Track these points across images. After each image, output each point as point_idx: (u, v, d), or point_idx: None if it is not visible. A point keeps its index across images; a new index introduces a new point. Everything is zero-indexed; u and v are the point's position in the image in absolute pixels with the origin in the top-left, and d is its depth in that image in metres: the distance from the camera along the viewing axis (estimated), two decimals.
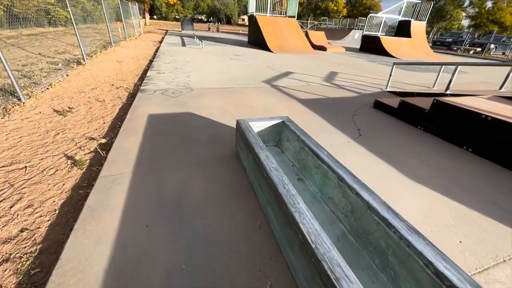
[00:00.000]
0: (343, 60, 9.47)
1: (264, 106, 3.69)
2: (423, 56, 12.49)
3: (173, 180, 1.90)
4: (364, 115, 3.66)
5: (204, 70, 5.92)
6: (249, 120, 2.18)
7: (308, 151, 1.84)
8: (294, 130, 2.08)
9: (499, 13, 39.52)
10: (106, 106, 3.51)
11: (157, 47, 10.05)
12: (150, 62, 6.94)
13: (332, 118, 3.41)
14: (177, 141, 2.50)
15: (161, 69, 5.76)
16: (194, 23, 25.47)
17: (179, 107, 3.43)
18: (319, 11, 50.83)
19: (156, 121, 2.93)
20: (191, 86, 4.50)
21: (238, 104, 3.70)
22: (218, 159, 2.23)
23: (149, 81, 4.67)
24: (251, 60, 7.97)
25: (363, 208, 1.32)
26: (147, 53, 8.45)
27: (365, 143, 2.76)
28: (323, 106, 3.91)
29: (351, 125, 3.23)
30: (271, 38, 11.09)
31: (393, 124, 3.38)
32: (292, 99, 4.19)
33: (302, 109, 3.71)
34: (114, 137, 2.59)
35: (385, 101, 3.90)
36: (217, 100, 3.81)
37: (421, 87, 5.72)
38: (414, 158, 2.50)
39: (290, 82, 5.32)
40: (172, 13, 53.94)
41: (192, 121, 2.99)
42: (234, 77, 5.46)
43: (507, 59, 15.67)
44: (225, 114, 3.28)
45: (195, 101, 3.73)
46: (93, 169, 2.10)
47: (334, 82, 5.69)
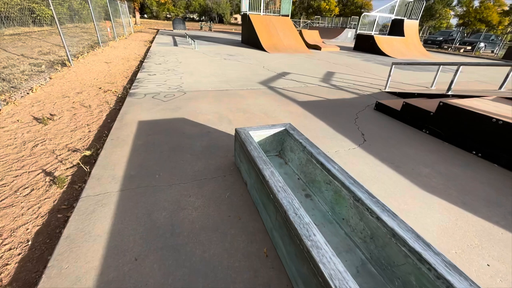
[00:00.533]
0: (338, 60, 9.36)
1: (262, 110, 3.50)
2: (417, 55, 12.53)
3: (166, 199, 1.69)
4: (366, 118, 3.51)
5: (198, 72, 5.68)
6: (249, 129, 1.99)
7: (317, 164, 1.66)
8: (299, 139, 1.89)
9: (486, 12, 40.45)
10: (92, 112, 3.25)
11: (148, 47, 9.72)
12: (140, 63, 6.65)
13: (334, 122, 3.25)
14: (170, 152, 2.28)
15: (152, 71, 5.49)
16: (186, 22, 25.04)
17: (171, 112, 3.21)
18: (311, 10, 50.91)
19: (146, 129, 2.70)
20: (184, 89, 4.27)
21: (234, 108, 3.50)
22: (216, 172, 2.03)
23: (139, 84, 4.42)
24: (245, 60, 7.76)
25: (386, 236, 1.15)
26: (137, 54, 8.14)
27: (371, 149, 2.60)
28: (324, 109, 3.74)
29: (354, 130, 3.07)
30: (265, 37, 10.90)
31: (397, 128, 3.25)
32: (290, 101, 4.01)
33: (302, 113, 3.54)
34: (100, 148, 2.35)
35: (387, 103, 3.77)
36: (212, 104, 3.60)
37: (419, 87, 5.64)
38: (423, 165, 2.36)
39: (287, 83, 5.15)
40: (163, 12, 53.12)
41: (185, 128, 2.77)
42: (229, 78, 5.24)
43: (497, 58, 15.92)
44: (221, 120, 3.07)
45: (189, 105, 3.51)
46: (75, 187, 1.86)
47: (332, 83, 5.54)
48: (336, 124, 3.19)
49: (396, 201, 1.84)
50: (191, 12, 58.42)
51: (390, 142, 2.80)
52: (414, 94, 4.45)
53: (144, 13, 57.40)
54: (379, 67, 8.31)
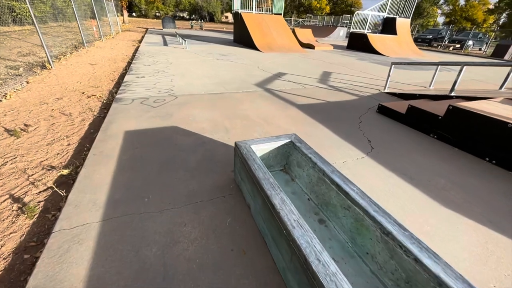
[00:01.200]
0: (333, 59, 9.22)
1: (260, 116, 3.27)
2: (409, 53, 12.55)
3: (156, 230, 1.44)
4: (370, 122, 3.33)
5: (189, 73, 5.39)
6: (251, 143, 1.76)
7: (331, 185, 1.45)
8: (307, 153, 1.67)
9: (471, 10, 41.49)
10: (74, 121, 2.94)
11: (137, 47, 9.32)
12: (128, 64, 6.29)
13: (338, 128, 3.05)
14: (161, 168, 2.02)
15: (140, 73, 5.17)
16: (175, 21, 24.48)
17: (162, 120, 2.93)
18: (302, 8, 50.93)
19: (134, 140, 2.43)
20: (175, 93, 3.99)
21: (231, 114, 3.25)
22: (214, 192, 1.78)
23: (126, 88, 4.10)
24: (239, 60, 7.50)
25: (429, 283, 0.94)
26: (125, 54, 7.75)
27: (380, 158, 2.41)
28: (325, 113, 3.54)
29: (359, 136, 2.88)
30: (258, 36, 10.65)
31: (402, 132, 3.08)
32: (289, 105, 3.80)
33: (304, 118, 3.33)
34: (80, 165, 2.07)
35: (390, 105, 3.60)
36: (206, 110, 3.34)
37: (418, 87, 5.53)
38: (438, 176, 2.18)
39: (284, 85, 4.93)
40: (152, 10, 52.04)
41: (178, 139, 2.51)
42: (223, 80, 4.98)
43: (485, 55, 16.20)
44: (217, 128, 2.82)
45: (181, 111, 3.24)
46: (48, 216, 1.59)
47: (330, 84, 5.36)
48: (340, 130, 2.99)
49: (416, 221, 1.65)
50: (181, 11, 57.45)
51: (398, 149, 2.62)
52: (415, 95, 4.31)
53: (133, 12, 56.07)
54: (375, 66, 8.21)
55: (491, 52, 15.93)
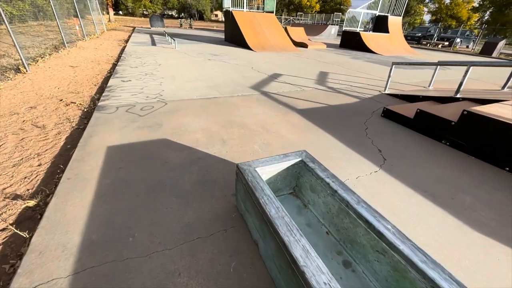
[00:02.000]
0: (327, 58, 9.03)
1: (259, 123, 2.99)
2: (402, 52, 12.54)
3: (144, 284, 1.15)
4: (377, 128, 3.12)
5: (180, 75, 5.04)
6: (256, 165, 1.48)
7: (358, 220, 1.19)
8: (324, 177, 1.41)
9: (456, 9, 42.52)
10: (47, 135, 2.58)
11: (123, 47, 8.84)
12: (113, 66, 5.87)
13: (344, 136, 2.81)
14: (148, 194, 1.72)
15: (126, 76, 4.79)
16: (164, 20, 23.81)
17: (150, 131, 2.61)
18: (292, 6, 50.80)
19: (117, 158, 2.10)
20: (165, 98, 3.66)
21: (227, 123, 2.96)
22: (213, 225, 1.50)
23: (110, 93, 3.74)
24: (232, 60, 7.18)
25: None
26: (110, 55, 7.29)
27: (395, 172, 2.18)
28: (328, 118, 3.30)
29: (368, 145, 2.65)
30: (250, 35, 10.34)
31: (412, 139, 2.87)
32: (289, 110, 3.54)
33: (305, 124, 3.07)
34: (50, 193, 1.74)
35: (396, 109, 3.40)
36: (199, 117, 3.04)
37: (417, 87, 5.38)
38: (461, 192, 1.97)
39: (281, 87, 4.67)
40: (140, 8, 50.71)
41: (168, 155, 2.20)
42: (216, 83, 4.67)
43: (474, 53, 16.45)
44: (212, 140, 2.53)
45: (171, 120, 2.92)
46: (5, 268, 1.26)
47: (328, 85, 5.14)
48: (347, 138, 2.75)
49: (452, 254, 1.42)
50: (169, 9, 56.25)
51: (412, 160, 2.40)
52: (418, 97, 4.13)
53: (119, 10, 54.46)
54: (370, 65, 8.07)
55: (480, 49, 16.19)
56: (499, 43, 14.80)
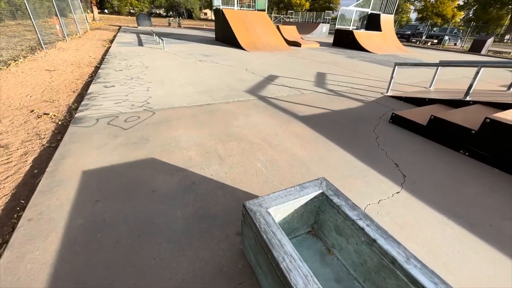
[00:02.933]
0: (322, 57, 8.79)
1: (260, 135, 2.67)
2: (395, 50, 12.48)
3: None
4: (387, 137, 2.86)
5: (169, 79, 4.65)
6: (267, 202, 1.17)
7: (411, 286, 0.89)
8: (355, 219, 1.11)
9: (441, 7, 43.52)
10: (11, 156, 2.17)
11: (107, 48, 8.31)
12: (95, 69, 5.41)
13: (354, 148, 2.53)
14: (132, 240, 1.37)
15: (110, 81, 4.36)
16: (151, 18, 23.06)
17: (135, 149, 2.25)
18: (282, 4, 50.58)
19: (94, 187, 1.74)
20: (152, 107, 3.28)
21: (223, 135, 2.62)
22: (214, 283, 1.17)
23: (90, 102, 3.33)
24: (224, 61, 6.81)
25: None
26: (92, 57, 6.78)
27: (419, 192, 1.92)
28: (333, 126, 3.02)
29: (382, 158, 2.38)
30: (242, 34, 9.98)
31: (428, 149, 2.62)
32: (291, 117, 3.23)
33: (311, 135, 2.78)
34: (4, 243, 1.36)
35: (405, 115, 3.15)
36: (192, 129, 2.69)
37: (418, 88, 5.19)
38: (499, 217, 1.72)
39: (279, 91, 4.36)
40: (126, 7, 49.21)
41: (157, 180, 1.85)
42: (208, 87, 4.31)
43: (463, 50, 16.66)
44: (208, 157, 2.19)
45: (160, 133, 2.56)
46: None
47: (328, 87, 4.87)
48: (358, 150, 2.48)
49: None
50: (157, 7, 54.91)
51: (434, 176, 2.15)
52: (424, 100, 3.91)
53: (104, 8, 52.74)
54: (366, 64, 7.87)
55: (469, 47, 16.40)
56: (487, 41, 15.01)
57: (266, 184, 1.89)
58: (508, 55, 15.02)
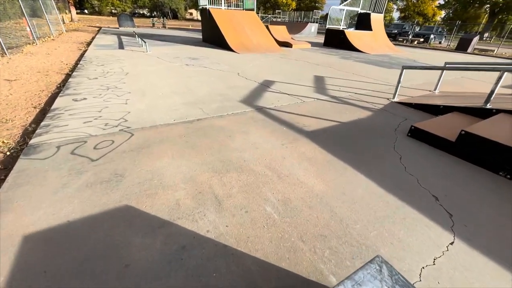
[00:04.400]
0: (316, 59, 8.41)
1: (265, 161, 2.18)
2: (386, 50, 12.32)
3: None
4: (412, 155, 2.45)
5: (152, 88, 4.08)
6: None
7: None
8: None
9: (422, 6, 44.74)
10: None
11: (83, 52, 7.56)
12: (66, 77, 4.73)
13: (379, 175, 2.09)
14: None
15: (81, 92, 3.74)
16: (135, 18, 22.06)
17: (103, 193, 1.70)
18: (268, 4, 50.28)
19: (38, 264, 1.19)
20: (131, 125, 2.72)
21: (219, 163, 2.12)
22: None
23: (53, 122, 2.73)
24: (214, 65, 6.27)
25: None
26: (64, 62, 6.05)
27: (478, 242, 1.50)
28: (348, 144, 2.58)
29: (416, 188, 1.96)
30: (231, 35, 9.45)
31: (463, 173, 2.23)
32: (296, 134, 2.77)
33: (325, 158, 2.32)
34: None
35: (427, 127, 2.76)
36: (179, 158, 2.17)
37: (422, 91, 4.87)
38: None
39: (278, 99, 3.89)
40: (107, 7, 47.28)
41: (132, 245, 1.33)
42: (198, 97, 3.78)
43: (450, 49, 16.85)
44: (202, 200, 1.68)
45: (139, 165, 2.02)
46: None
47: (329, 93, 4.45)
48: (385, 179, 2.04)
49: None
50: (140, 7, 53.19)
51: (487, 213, 1.74)
52: (438, 107, 3.56)
53: (84, 9, 50.52)
54: (363, 66, 7.56)
55: (455, 45, 16.61)
56: (473, 39, 15.21)
57: (283, 242, 1.40)
58: (493, 53, 15.29)
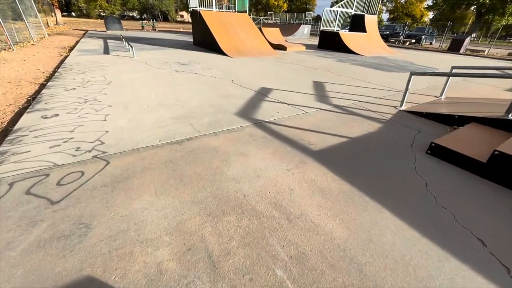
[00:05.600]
0: (313, 62, 8.10)
1: (270, 196, 1.79)
2: (380, 51, 12.16)
3: None
4: (439, 181, 2.10)
5: (136, 100, 3.64)
6: None
7: None
8: None
9: (411, 7, 45.54)
10: None
11: (64, 57, 7.02)
12: (40, 88, 4.24)
13: (405, 209, 1.73)
14: None
15: (53, 106, 3.27)
16: (123, 21, 21.42)
17: (59, 257, 1.28)
18: (260, 6, 50.15)
19: None
20: (107, 150, 2.29)
21: (213, 201, 1.72)
22: None
23: (12, 147, 2.27)
24: (205, 71, 5.86)
25: None
26: (41, 70, 5.53)
27: None
28: (360, 166, 2.22)
29: (455, 228, 1.60)
30: (224, 38, 9.06)
31: (502, 201, 1.90)
32: (303, 155, 2.39)
33: (340, 188, 1.94)
34: None
35: (448, 144, 2.43)
36: (164, 194, 1.75)
37: (427, 96, 4.59)
38: None
39: (278, 110, 3.51)
40: (95, 9, 46.16)
41: None
42: (188, 109, 3.37)
43: (442, 49, 16.91)
44: (192, 264, 1.28)
45: (112, 207, 1.60)
46: None
47: (331, 101, 4.11)
48: (416, 216, 1.68)
49: None
50: (129, 10, 52.24)
51: None
52: (453, 117, 3.26)
53: (71, 11, 49.26)
54: (361, 69, 7.28)
55: (447, 46, 16.68)
56: (465, 40, 15.28)
57: None
58: (484, 54, 15.38)
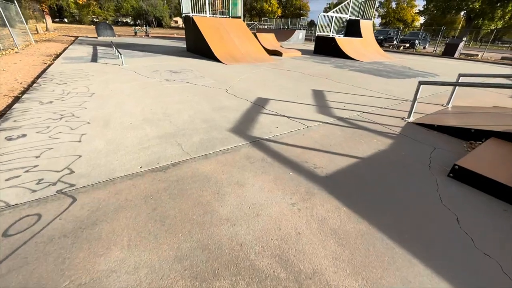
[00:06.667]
0: (310, 69, 7.84)
1: (273, 245, 1.44)
2: (377, 57, 12.03)
3: None
4: (470, 213, 1.78)
5: (119, 116, 3.27)
6: None
7: None
8: None
9: (402, 12, 46.38)
10: None
11: (48, 66, 6.61)
12: (13, 101, 3.83)
13: (438, 253, 1.40)
14: None
15: (23, 124, 2.88)
16: (117, 27, 21.04)
17: None
18: (254, 11, 50.39)
19: None
20: (76, 181, 1.91)
21: (202, 256, 1.35)
22: None
23: None
24: (198, 80, 5.52)
25: None
26: (19, 80, 5.11)
27: None
28: (377, 197, 1.89)
29: (500, 279, 1.27)
30: (217, 45, 8.76)
31: None
32: (309, 182, 2.05)
33: (353, 228, 1.60)
34: None
35: (476, 168, 2.12)
36: (140, 249, 1.38)
37: (433, 106, 4.33)
38: None
39: (277, 125, 3.18)
40: (88, 15, 45.63)
41: None
42: (177, 126, 3.01)
43: (437, 54, 16.95)
44: None
45: (69, 271, 1.22)
46: None
47: (333, 113, 3.80)
48: (456, 270, 1.34)
49: None
50: (123, 16, 51.85)
51: None
52: (469, 131, 2.97)
53: (64, 17, 48.68)
54: (360, 76, 7.04)
55: (442, 50, 16.73)
56: (459, 44, 15.33)
57: None
58: (478, 57, 15.45)
